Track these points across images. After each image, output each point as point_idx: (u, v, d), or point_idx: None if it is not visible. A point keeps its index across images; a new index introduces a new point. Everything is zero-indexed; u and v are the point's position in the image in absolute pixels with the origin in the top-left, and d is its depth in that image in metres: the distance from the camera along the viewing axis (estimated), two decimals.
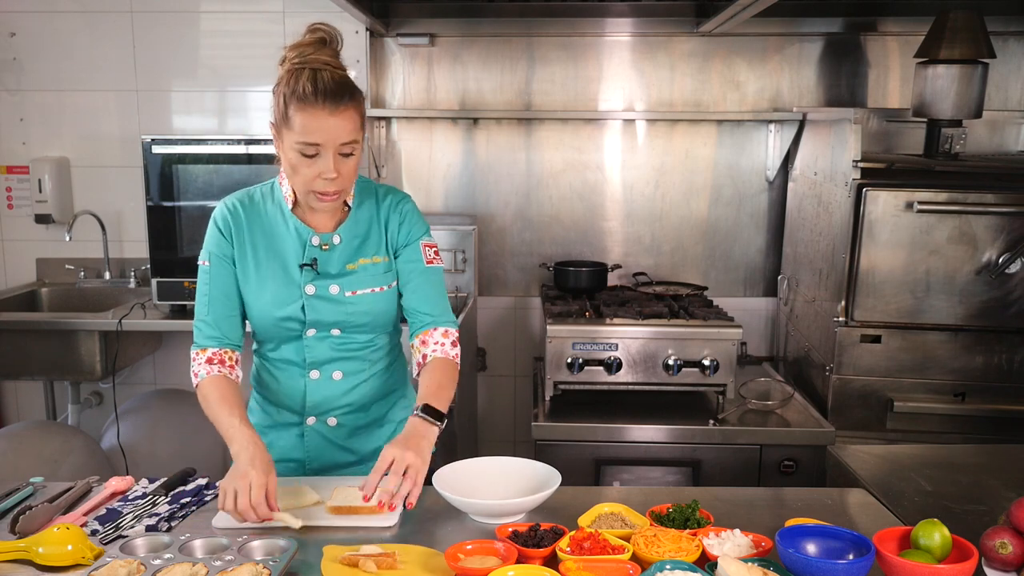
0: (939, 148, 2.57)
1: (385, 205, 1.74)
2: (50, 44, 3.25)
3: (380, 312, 1.73)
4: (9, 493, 1.62)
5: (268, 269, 1.68)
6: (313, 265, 1.67)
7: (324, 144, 1.55)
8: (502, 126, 3.27)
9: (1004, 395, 2.52)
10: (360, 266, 1.70)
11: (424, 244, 1.75)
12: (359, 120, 1.59)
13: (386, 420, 1.83)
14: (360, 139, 1.60)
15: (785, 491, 1.85)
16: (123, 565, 1.31)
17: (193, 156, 2.88)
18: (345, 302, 1.69)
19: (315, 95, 1.53)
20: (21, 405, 3.51)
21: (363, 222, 1.73)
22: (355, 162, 1.61)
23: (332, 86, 1.54)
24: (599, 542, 1.37)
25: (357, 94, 1.59)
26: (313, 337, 1.71)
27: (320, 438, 1.78)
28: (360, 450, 1.80)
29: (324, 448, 1.78)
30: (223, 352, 1.68)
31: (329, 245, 1.69)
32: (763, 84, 3.20)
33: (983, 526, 1.41)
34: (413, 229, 1.75)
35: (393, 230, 1.74)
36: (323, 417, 1.76)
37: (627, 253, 3.33)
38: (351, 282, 1.69)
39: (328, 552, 1.38)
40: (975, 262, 2.46)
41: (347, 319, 1.70)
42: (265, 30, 3.21)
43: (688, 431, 2.51)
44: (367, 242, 1.72)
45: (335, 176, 1.57)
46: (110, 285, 3.31)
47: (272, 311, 1.68)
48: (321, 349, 1.71)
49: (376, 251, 1.72)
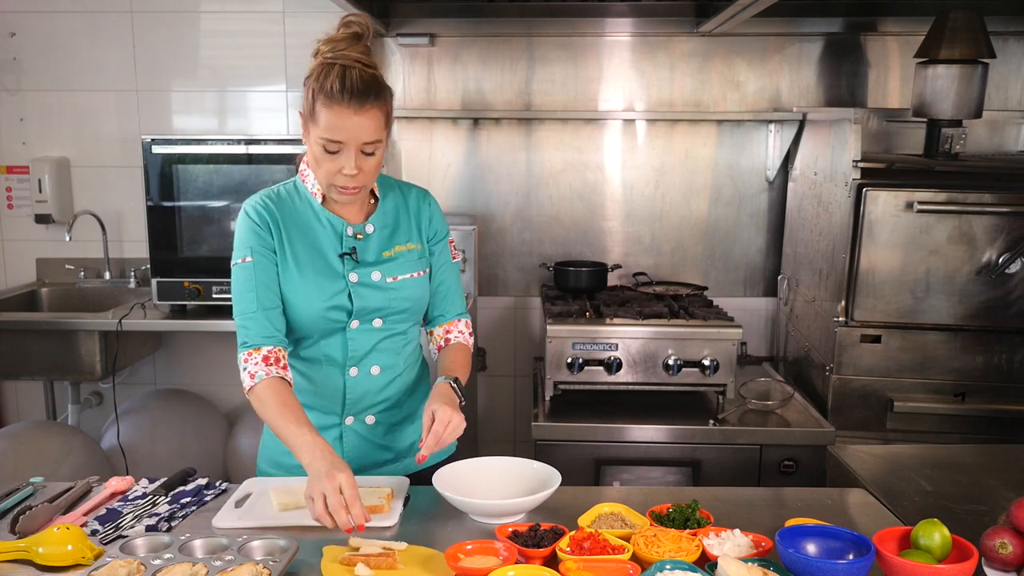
0: (939, 148, 2.57)
1: (412, 196, 1.79)
2: (50, 44, 3.25)
3: (419, 298, 1.76)
4: (9, 493, 1.62)
5: (308, 262, 1.68)
6: (353, 254, 1.69)
7: (347, 142, 1.56)
8: (502, 126, 3.27)
9: (1004, 395, 2.52)
10: (396, 253, 1.73)
11: (451, 241, 1.84)
12: (383, 119, 1.60)
13: (417, 415, 1.82)
14: (384, 138, 1.61)
15: (785, 491, 1.85)
16: (123, 565, 1.31)
17: (193, 156, 2.88)
18: (388, 288, 1.71)
19: (341, 93, 1.53)
20: (21, 405, 3.51)
21: (391, 212, 1.76)
22: (378, 160, 1.62)
23: (359, 85, 1.54)
24: (599, 542, 1.37)
25: (384, 93, 1.60)
26: (356, 329, 1.71)
27: (358, 438, 1.77)
28: (396, 447, 1.80)
29: (363, 447, 1.77)
30: (277, 351, 1.65)
31: (363, 234, 1.72)
32: (763, 84, 3.20)
33: (983, 526, 1.41)
34: (443, 225, 1.82)
35: (425, 223, 1.79)
36: (361, 416, 1.76)
37: (627, 253, 3.33)
38: (390, 268, 1.72)
39: (328, 552, 1.38)
40: (975, 262, 2.46)
41: (390, 305, 1.72)
42: (265, 30, 3.22)
43: (688, 431, 2.51)
44: (398, 231, 1.75)
45: (355, 173, 1.58)
46: (110, 285, 3.31)
47: (318, 303, 1.67)
48: (363, 342, 1.72)
49: (408, 239, 1.76)
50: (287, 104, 3.27)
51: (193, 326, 2.96)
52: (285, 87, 3.26)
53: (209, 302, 2.92)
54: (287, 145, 2.86)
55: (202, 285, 2.90)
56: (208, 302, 2.92)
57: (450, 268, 1.83)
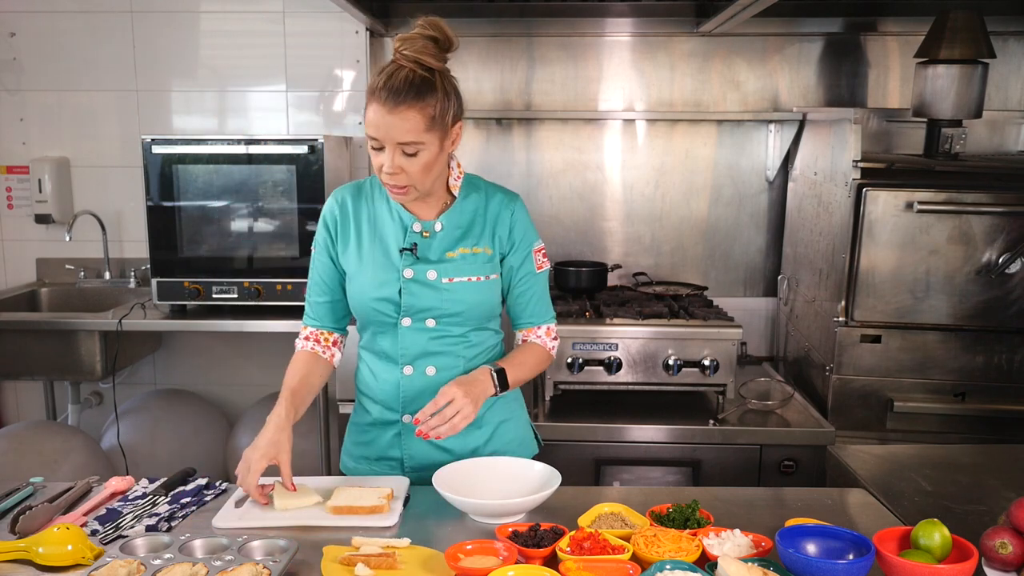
0: (939, 148, 2.57)
1: (496, 201, 1.76)
2: (50, 44, 3.25)
3: (475, 303, 1.73)
4: (9, 493, 1.62)
5: (370, 253, 1.72)
6: (413, 250, 1.70)
7: (382, 140, 1.57)
8: (502, 126, 3.27)
9: (1004, 395, 2.52)
10: (460, 255, 1.72)
11: (535, 251, 1.80)
12: (423, 122, 1.56)
13: (484, 421, 1.79)
14: (427, 141, 1.57)
15: (785, 491, 1.85)
16: (123, 565, 1.31)
17: (193, 156, 2.88)
18: (441, 288, 1.70)
19: (380, 91, 1.55)
20: (21, 405, 3.51)
21: (467, 213, 1.74)
22: (423, 162, 1.59)
23: (400, 85, 1.54)
24: (599, 542, 1.37)
25: (427, 96, 1.56)
26: (408, 328, 1.72)
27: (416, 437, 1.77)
28: (457, 450, 1.77)
29: (420, 447, 1.77)
30: (319, 332, 1.80)
31: (430, 232, 1.72)
32: (763, 84, 3.20)
33: (983, 526, 1.41)
34: (527, 234, 1.78)
35: (503, 230, 1.75)
36: None
37: (627, 253, 3.33)
38: (449, 269, 1.71)
39: (328, 552, 1.39)
40: (975, 262, 2.46)
41: (442, 306, 1.70)
42: (265, 30, 3.22)
43: (688, 431, 2.51)
44: (469, 233, 1.74)
45: (393, 172, 1.58)
46: (110, 285, 3.31)
47: (369, 292, 1.71)
48: (415, 341, 1.72)
49: (478, 242, 1.73)
50: (287, 104, 3.27)
51: (193, 326, 2.96)
52: (285, 87, 3.26)
53: (209, 302, 2.92)
54: (287, 145, 2.86)
55: (202, 285, 2.90)
56: (208, 302, 2.92)
57: (533, 277, 1.79)
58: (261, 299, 2.89)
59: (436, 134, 1.60)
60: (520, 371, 1.76)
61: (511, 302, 1.81)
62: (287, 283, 2.89)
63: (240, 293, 2.89)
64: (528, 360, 1.79)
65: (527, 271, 1.79)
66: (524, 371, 1.78)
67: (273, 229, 2.90)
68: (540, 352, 1.82)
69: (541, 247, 1.82)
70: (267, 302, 2.90)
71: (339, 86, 3.25)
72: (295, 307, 2.91)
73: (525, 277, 1.79)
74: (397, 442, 1.78)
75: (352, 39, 3.21)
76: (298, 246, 2.89)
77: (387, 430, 1.79)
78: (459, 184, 1.76)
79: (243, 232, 2.91)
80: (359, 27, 3.19)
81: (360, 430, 1.83)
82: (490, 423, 1.81)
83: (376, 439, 1.80)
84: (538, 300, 1.82)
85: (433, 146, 1.60)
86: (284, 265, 2.90)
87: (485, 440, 1.79)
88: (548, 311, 1.85)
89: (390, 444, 1.79)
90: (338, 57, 3.23)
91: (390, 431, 1.78)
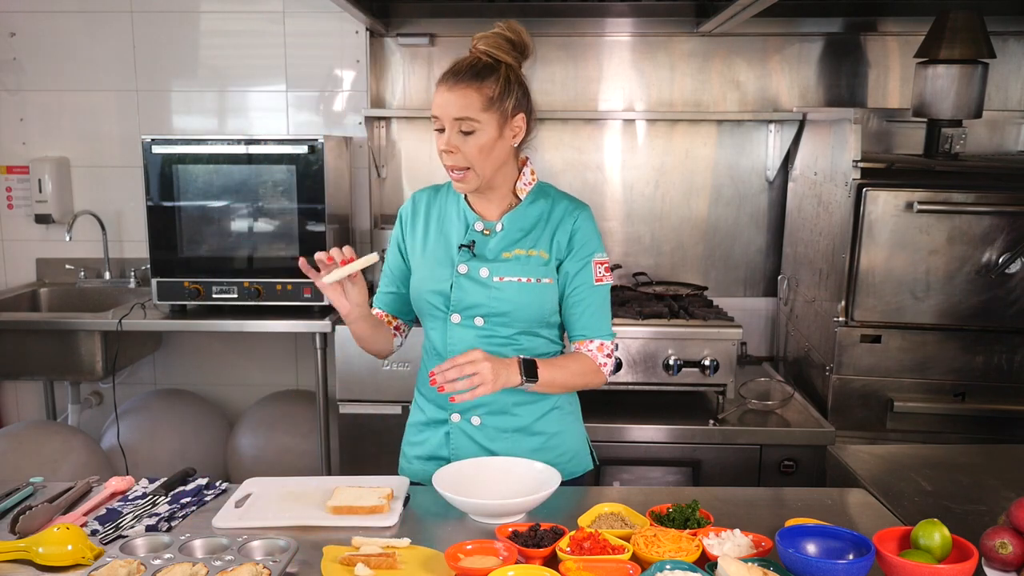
0: (939, 148, 2.57)
1: (560, 208, 1.75)
2: (50, 44, 3.25)
3: (524, 304, 1.71)
4: (9, 493, 1.62)
5: (433, 249, 1.77)
6: (471, 247, 1.72)
7: (441, 118, 1.63)
8: None
9: (1004, 395, 2.52)
10: (515, 255, 1.73)
11: (596, 262, 1.75)
12: (480, 101, 1.61)
13: (535, 430, 1.77)
14: (484, 120, 1.62)
15: (785, 491, 1.85)
16: (123, 565, 1.31)
17: (193, 156, 2.88)
18: (491, 286, 1.71)
19: (446, 74, 1.64)
20: (21, 405, 3.51)
21: (531, 217, 1.75)
22: (479, 143, 1.63)
23: (462, 67, 1.63)
24: (599, 542, 1.37)
25: (487, 78, 1.62)
26: (458, 324, 1.73)
27: (464, 437, 1.77)
28: (505, 455, 1.74)
29: (468, 448, 1.76)
30: (383, 314, 1.86)
31: (491, 231, 1.74)
32: (763, 84, 3.20)
33: (983, 526, 1.41)
34: (588, 243, 1.74)
35: (563, 235, 1.73)
36: (467, 415, 1.76)
37: (627, 253, 3.33)
38: (501, 268, 1.71)
39: (328, 552, 1.38)
40: (975, 262, 2.46)
41: (489, 304, 1.70)
42: (265, 30, 3.22)
43: (688, 431, 2.51)
44: (529, 235, 1.74)
45: (449, 149, 1.63)
46: (110, 285, 3.31)
47: (424, 285, 1.74)
48: (463, 338, 1.72)
49: (535, 245, 1.73)
50: (287, 104, 3.27)
51: (193, 326, 2.96)
52: (285, 87, 3.26)
53: (209, 302, 2.92)
54: (287, 145, 2.86)
55: (202, 285, 2.90)
56: (208, 302, 2.92)
57: (590, 289, 1.73)
58: (261, 299, 2.89)
59: (494, 116, 1.63)
60: (557, 372, 1.69)
61: (565, 311, 1.76)
62: (287, 283, 2.89)
63: (240, 293, 2.89)
64: (569, 365, 1.72)
65: (583, 281, 1.74)
66: (562, 374, 1.70)
67: (273, 229, 2.90)
68: (586, 362, 1.74)
69: (605, 260, 1.77)
70: (267, 302, 2.90)
71: (339, 86, 3.25)
72: (295, 307, 2.91)
73: (581, 287, 1.74)
74: (445, 441, 1.79)
75: (352, 39, 3.21)
76: (298, 246, 2.89)
77: (438, 429, 1.79)
78: (528, 189, 1.77)
79: (243, 232, 2.91)
80: (359, 27, 3.19)
81: (415, 430, 1.85)
82: (544, 433, 1.78)
83: (428, 439, 1.81)
84: (593, 312, 1.75)
85: (491, 128, 1.63)
86: (284, 265, 2.90)
87: (535, 448, 1.76)
88: (604, 326, 1.77)
89: (440, 444, 1.79)
90: (338, 57, 3.23)
91: (441, 431, 1.79)
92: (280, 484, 1.68)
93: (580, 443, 1.87)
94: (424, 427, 1.82)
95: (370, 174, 3.29)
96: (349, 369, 2.73)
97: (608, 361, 1.77)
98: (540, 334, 1.76)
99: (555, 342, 1.80)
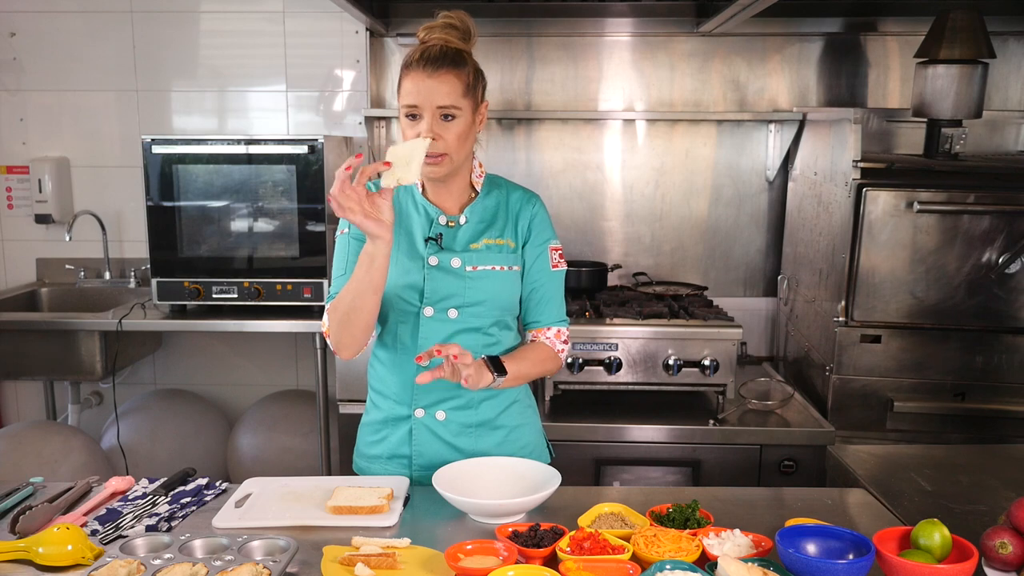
0: (939, 148, 2.57)
1: (516, 198, 1.80)
2: (50, 44, 3.26)
3: (497, 292, 1.74)
4: (9, 493, 1.62)
5: (396, 245, 1.72)
6: (438, 240, 1.73)
7: (422, 105, 1.62)
8: (502, 126, 3.27)
9: (1004, 395, 2.52)
10: (484, 245, 1.75)
11: (551, 248, 1.80)
12: (460, 87, 1.63)
13: (497, 424, 1.79)
14: (464, 107, 1.64)
15: (785, 491, 1.85)
16: (123, 565, 1.31)
17: (193, 156, 2.88)
18: (465, 276, 1.72)
19: (417, 61, 1.63)
20: (21, 405, 3.51)
21: (490, 208, 1.78)
22: (458, 128, 1.64)
23: (437, 54, 1.62)
24: (599, 542, 1.37)
25: (462, 63, 1.65)
26: (431, 317, 1.72)
27: (428, 433, 1.77)
28: (468, 450, 1.76)
29: (431, 444, 1.77)
30: None
31: (455, 224, 1.75)
32: (763, 84, 3.20)
33: (983, 526, 1.41)
34: (544, 230, 1.80)
35: (524, 223, 1.78)
36: (431, 410, 1.76)
37: (627, 253, 3.33)
38: (473, 258, 1.73)
39: (328, 552, 1.38)
40: (975, 262, 2.46)
41: (464, 294, 1.71)
42: (265, 30, 3.22)
43: (688, 431, 2.51)
44: (493, 226, 1.76)
45: (433, 136, 1.61)
46: (110, 285, 3.31)
47: (396, 279, 1.71)
48: (436, 332, 1.72)
49: (501, 234, 1.76)
50: (287, 104, 3.27)
51: (193, 326, 2.96)
52: (285, 87, 3.26)
53: (209, 302, 2.92)
54: (287, 145, 2.86)
55: (202, 285, 2.90)
56: (208, 302, 2.92)
57: (547, 275, 1.79)
58: (261, 299, 2.89)
59: (470, 103, 1.66)
60: (521, 364, 1.73)
61: (523, 299, 1.80)
62: (287, 283, 2.89)
63: (240, 293, 2.90)
64: (528, 355, 1.77)
65: (541, 267, 1.79)
66: (526, 365, 1.74)
67: (273, 229, 2.91)
68: (545, 350, 1.80)
69: (558, 247, 1.82)
70: (267, 302, 2.90)
71: (339, 86, 3.25)
72: (295, 307, 2.91)
73: (538, 273, 1.79)
74: (408, 439, 1.78)
75: (352, 39, 3.21)
76: (298, 246, 2.89)
77: (399, 427, 1.79)
78: (481, 181, 1.79)
79: (243, 232, 2.91)
80: (359, 27, 3.19)
81: (371, 429, 1.84)
82: (505, 427, 1.80)
83: (388, 437, 1.80)
84: (549, 300, 1.81)
85: (467, 115, 1.66)
86: (284, 265, 2.90)
87: (498, 443, 1.79)
88: (559, 313, 1.83)
89: (401, 441, 1.79)
90: (338, 57, 3.23)
91: (401, 428, 1.78)
92: (280, 484, 1.68)
93: (538, 436, 1.90)
94: (382, 426, 1.81)
95: None
96: (349, 369, 2.73)
97: (564, 348, 1.83)
98: (511, 326, 1.81)
99: (518, 336, 1.84)
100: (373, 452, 1.83)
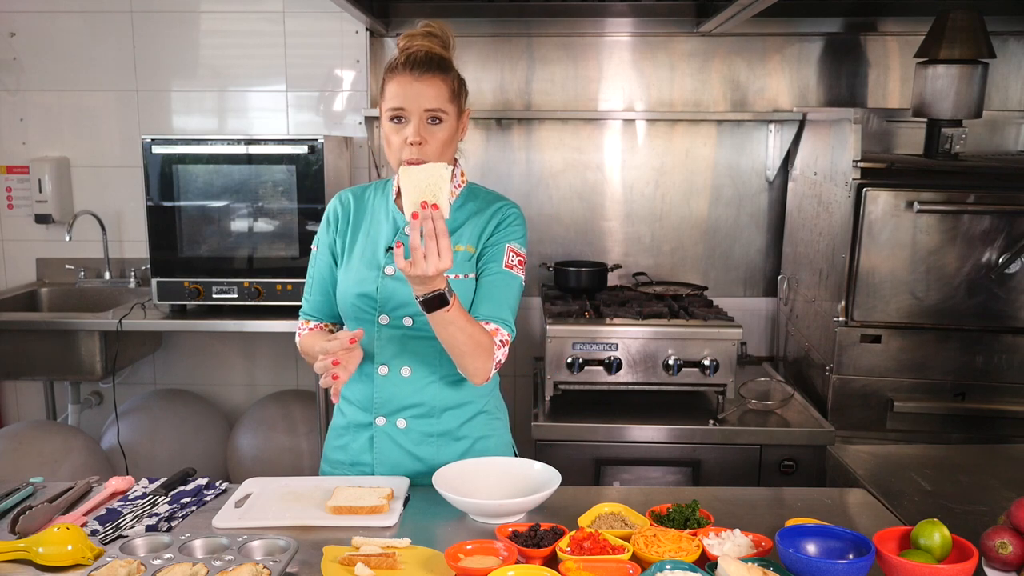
0: (939, 148, 2.57)
1: (493, 208, 1.74)
2: (50, 44, 3.25)
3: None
4: (9, 493, 1.62)
5: (360, 253, 1.74)
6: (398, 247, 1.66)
7: (409, 108, 1.60)
8: (502, 126, 3.27)
9: (1004, 395, 2.52)
10: None
11: (509, 248, 1.71)
12: (447, 92, 1.63)
13: (460, 434, 1.77)
14: (450, 112, 1.63)
15: (785, 491, 1.85)
16: (123, 565, 1.31)
17: (193, 156, 2.88)
18: None
19: (403, 65, 1.62)
20: (21, 405, 3.51)
21: (461, 217, 1.74)
22: (443, 134, 1.63)
23: (422, 58, 1.62)
24: (599, 542, 1.37)
25: (448, 69, 1.65)
26: (386, 325, 1.71)
27: (389, 441, 1.75)
28: (430, 460, 1.74)
29: (392, 452, 1.75)
30: (321, 324, 1.85)
31: None
32: (763, 84, 3.20)
33: (983, 526, 1.41)
34: (509, 231, 1.72)
35: (491, 226, 1.73)
36: (392, 418, 1.74)
37: (627, 253, 3.33)
38: None
39: (328, 552, 1.38)
40: (975, 262, 2.46)
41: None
42: (265, 30, 3.22)
43: (688, 431, 2.51)
44: (461, 235, 1.72)
45: (419, 140, 1.60)
46: (110, 285, 3.31)
47: (351, 288, 1.72)
48: (391, 338, 1.71)
49: (460, 240, 1.72)
50: (287, 104, 3.27)
51: (193, 326, 2.96)
52: (285, 87, 3.26)
53: (209, 302, 2.92)
54: (287, 145, 2.86)
55: (202, 285, 2.90)
56: (208, 302, 2.92)
57: (497, 271, 1.69)
58: (261, 299, 2.90)
59: (455, 108, 1.66)
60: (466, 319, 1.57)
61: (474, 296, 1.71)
62: (287, 283, 2.89)
63: (240, 293, 2.90)
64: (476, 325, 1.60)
65: (493, 260, 1.70)
66: (468, 324, 1.57)
67: (273, 229, 2.91)
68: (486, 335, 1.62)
69: (520, 251, 1.73)
70: (267, 302, 2.90)
71: (339, 86, 3.25)
72: (295, 307, 2.88)
73: (490, 266, 1.70)
74: (369, 447, 1.77)
75: (352, 39, 3.21)
76: (298, 246, 2.89)
77: (361, 434, 1.77)
78: (459, 191, 1.76)
79: (243, 232, 2.91)
80: (359, 27, 3.19)
81: (336, 434, 1.82)
82: (468, 437, 1.78)
83: (350, 444, 1.79)
84: (496, 296, 1.69)
85: (452, 120, 1.65)
86: (284, 265, 2.90)
87: (461, 454, 1.76)
88: (505, 314, 1.69)
89: (363, 448, 1.77)
90: (338, 57, 3.23)
91: (364, 434, 1.77)
92: (280, 484, 1.68)
93: (505, 448, 1.85)
94: (344, 431, 1.80)
95: (370, 174, 3.29)
96: None
97: (501, 349, 1.66)
98: None
99: None
100: (336, 457, 1.82)
